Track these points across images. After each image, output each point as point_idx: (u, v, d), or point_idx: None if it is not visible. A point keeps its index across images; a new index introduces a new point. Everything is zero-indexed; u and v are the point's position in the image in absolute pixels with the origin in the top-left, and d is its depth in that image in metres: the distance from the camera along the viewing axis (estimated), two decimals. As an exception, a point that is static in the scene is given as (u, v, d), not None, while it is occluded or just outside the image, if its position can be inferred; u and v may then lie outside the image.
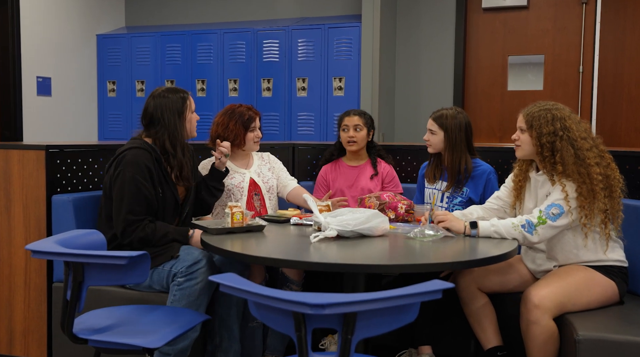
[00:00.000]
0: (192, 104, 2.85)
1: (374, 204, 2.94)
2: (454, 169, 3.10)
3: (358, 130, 3.53)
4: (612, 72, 5.06)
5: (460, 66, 5.52)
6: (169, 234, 2.71)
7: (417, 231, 2.52)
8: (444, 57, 5.58)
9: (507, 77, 5.42)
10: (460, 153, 3.09)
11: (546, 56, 5.27)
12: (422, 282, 1.62)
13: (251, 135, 3.29)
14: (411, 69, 5.72)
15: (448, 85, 5.58)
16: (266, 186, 3.35)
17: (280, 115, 5.67)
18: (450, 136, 3.09)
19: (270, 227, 2.74)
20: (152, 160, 2.69)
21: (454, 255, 2.36)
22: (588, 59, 5.10)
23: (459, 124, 3.10)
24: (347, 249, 2.36)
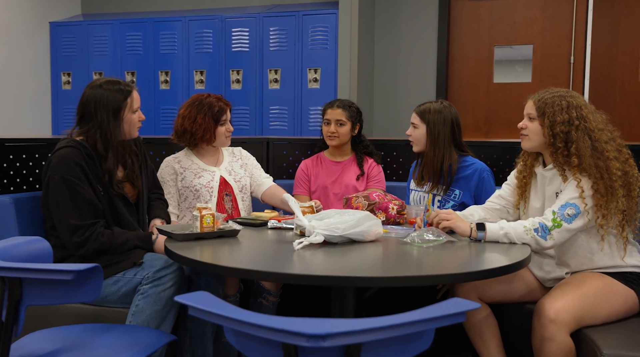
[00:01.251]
0: (134, 102, 2.53)
1: (362, 205, 2.66)
2: (435, 167, 2.85)
3: (340, 125, 3.25)
4: (605, 62, 4.91)
5: (443, 57, 5.32)
6: (129, 241, 2.41)
7: (415, 235, 2.24)
8: (426, 47, 5.38)
9: (493, 69, 5.25)
10: (443, 150, 2.84)
11: (535, 46, 5.10)
12: (440, 303, 1.34)
13: (222, 129, 2.98)
14: (391, 60, 5.49)
15: (430, 77, 5.37)
16: (238, 185, 3.05)
17: (250, 109, 5.40)
18: (432, 131, 2.84)
19: (245, 231, 2.44)
20: (83, 157, 2.39)
21: (460, 264, 2.08)
22: (579, 48, 4.94)
23: (443, 118, 2.85)
24: (336, 257, 2.08)
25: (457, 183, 2.88)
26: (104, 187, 2.44)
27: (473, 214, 2.61)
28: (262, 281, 2.77)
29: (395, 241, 2.31)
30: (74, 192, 2.35)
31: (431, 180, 2.92)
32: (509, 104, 5.12)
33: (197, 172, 3.00)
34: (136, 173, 2.60)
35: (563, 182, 2.36)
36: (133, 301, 2.32)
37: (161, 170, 3.02)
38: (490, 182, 2.88)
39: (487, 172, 2.89)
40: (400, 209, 2.70)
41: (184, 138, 2.98)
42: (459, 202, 2.86)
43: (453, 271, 1.97)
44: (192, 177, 2.98)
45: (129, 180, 2.59)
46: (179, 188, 2.99)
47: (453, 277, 1.99)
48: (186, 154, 3.07)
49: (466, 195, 2.86)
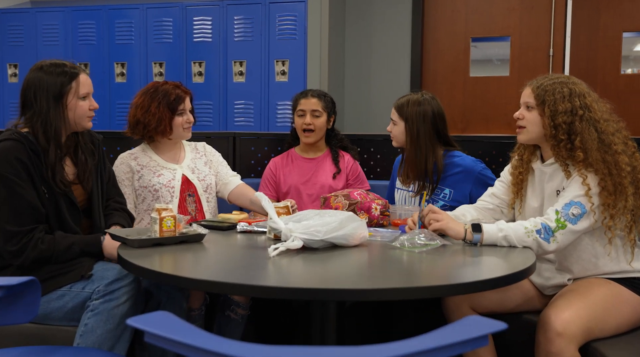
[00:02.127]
0: (82, 86, 2.23)
1: (342, 204, 2.42)
2: (418, 168, 2.62)
3: (316, 116, 3.00)
4: (585, 55, 4.79)
5: (417, 49, 5.14)
6: (74, 245, 2.12)
7: (405, 238, 2.01)
8: (400, 39, 5.19)
9: (469, 62, 5.07)
10: (425, 149, 2.61)
11: (513, 38, 4.96)
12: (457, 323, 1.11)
13: (179, 119, 2.70)
14: (363, 52, 5.28)
15: (404, 70, 5.19)
16: (202, 185, 2.77)
17: (214, 103, 5.12)
18: (410, 127, 2.62)
19: (210, 236, 2.17)
20: (27, 152, 2.09)
21: (457, 274, 1.84)
22: (559, 41, 4.82)
23: (422, 113, 2.62)
24: (317, 265, 1.83)
25: (446, 181, 2.66)
26: (48, 188, 2.14)
27: (464, 214, 2.39)
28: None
29: (383, 246, 2.07)
30: (13, 193, 2.05)
31: (417, 181, 2.69)
32: (486, 99, 4.97)
33: (156, 170, 2.72)
34: (88, 174, 2.30)
35: (566, 179, 2.16)
36: (82, 319, 2.04)
37: (115, 168, 2.73)
38: (489, 178, 2.67)
39: (483, 169, 2.68)
40: (383, 209, 2.47)
41: (137, 130, 2.69)
42: (450, 202, 2.64)
43: (450, 282, 1.73)
44: (150, 176, 2.70)
45: (80, 181, 2.29)
46: (136, 188, 2.70)
47: (451, 289, 1.74)
48: (143, 150, 2.78)
49: (458, 194, 2.64)
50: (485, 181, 2.67)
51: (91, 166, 2.33)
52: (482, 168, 2.68)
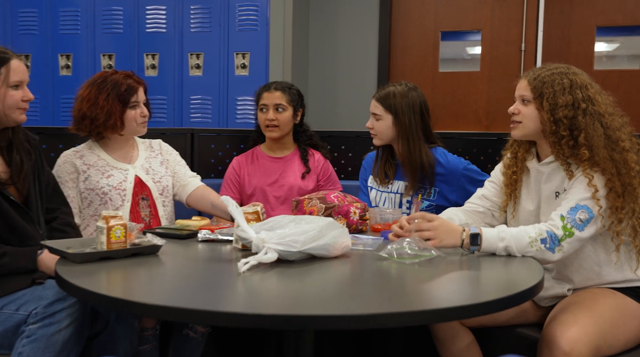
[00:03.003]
0: (13, 73, 1.93)
1: (317, 208, 2.16)
2: (413, 164, 2.41)
3: (280, 110, 2.75)
4: (558, 50, 4.64)
5: (385, 44, 4.92)
6: (5, 256, 1.82)
7: (394, 248, 1.77)
8: (366, 33, 4.95)
9: (439, 57, 4.87)
10: (418, 141, 2.40)
11: (483, 32, 4.78)
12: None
13: (132, 113, 2.41)
14: (328, 46, 5.05)
15: (371, 65, 4.96)
16: (158, 187, 2.48)
17: (168, 99, 4.78)
18: (401, 120, 2.41)
19: (168, 246, 1.88)
20: None
21: (455, 293, 1.58)
22: (531, 35, 4.67)
23: (411, 103, 2.42)
24: (294, 282, 1.58)
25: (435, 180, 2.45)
26: None
27: (452, 218, 2.17)
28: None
29: (368, 256, 1.83)
30: None
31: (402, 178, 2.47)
32: (456, 95, 4.79)
33: (105, 171, 2.42)
34: (23, 176, 1.99)
35: (567, 179, 1.95)
36: (15, 346, 1.73)
37: (57, 168, 2.42)
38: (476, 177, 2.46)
39: (469, 165, 2.48)
40: (362, 213, 2.23)
41: (84, 126, 2.39)
42: (436, 201, 2.43)
43: (446, 304, 1.43)
44: (98, 177, 2.39)
45: (14, 182, 1.98)
46: (81, 190, 2.39)
47: (447, 314, 1.44)
48: (90, 148, 2.48)
49: (444, 193, 2.43)
50: (471, 177, 2.47)
51: (27, 168, 2.02)
52: (467, 164, 2.48)
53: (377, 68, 4.91)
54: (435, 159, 2.45)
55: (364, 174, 2.66)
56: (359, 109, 4.91)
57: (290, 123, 2.79)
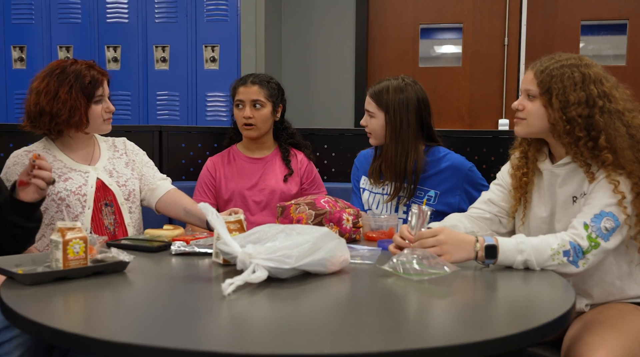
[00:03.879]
0: None
1: (305, 216, 1.93)
2: (396, 166, 2.21)
3: (258, 106, 2.51)
4: (542, 44, 4.51)
5: (362, 37, 4.72)
6: None
7: (400, 261, 1.55)
8: (343, 25, 4.74)
9: (419, 52, 4.69)
10: (408, 144, 2.21)
11: (465, 25, 4.62)
12: None
13: (98, 108, 2.15)
14: (303, 39, 4.82)
15: (348, 59, 4.75)
16: (123, 191, 2.22)
17: (132, 94, 4.51)
18: (393, 119, 2.21)
19: (137, 262, 1.62)
20: None
21: (478, 325, 1.33)
22: (514, 28, 4.52)
23: (405, 100, 2.22)
24: (287, 308, 1.34)
25: (430, 181, 2.25)
26: None
27: (457, 225, 1.96)
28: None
29: (369, 272, 1.61)
30: None
31: (392, 182, 2.26)
32: (437, 92, 4.59)
33: (63, 173, 2.15)
34: None
35: (588, 182, 1.76)
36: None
37: (7, 170, 2.15)
38: (479, 181, 2.27)
39: (472, 167, 2.28)
40: (356, 220, 2.01)
41: (41, 123, 2.11)
42: (436, 205, 2.22)
43: (466, 338, 1.17)
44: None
45: None
46: (35, 196, 2.11)
47: (468, 352, 1.21)
48: (45, 147, 2.21)
49: (446, 195, 2.22)
50: (475, 181, 2.27)
51: None
52: (472, 166, 2.29)
53: (355, 62, 4.73)
54: (435, 160, 2.25)
55: (356, 174, 2.44)
56: (336, 105, 4.71)
57: (269, 120, 2.55)
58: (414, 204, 1.75)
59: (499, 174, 2.05)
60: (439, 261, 1.54)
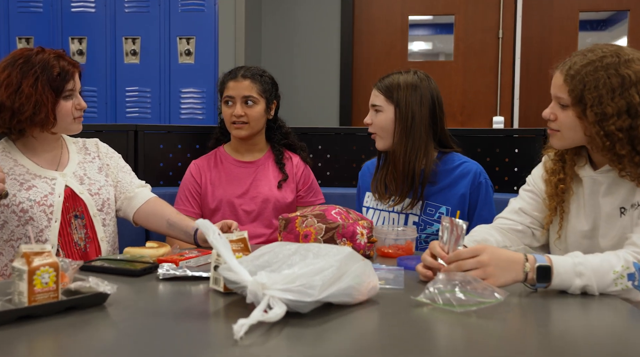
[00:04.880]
0: None
1: (314, 230, 1.68)
2: (403, 171, 1.97)
3: (250, 103, 2.26)
4: (538, 38, 4.33)
5: (348, 29, 4.49)
6: None
7: (436, 291, 1.30)
8: (327, 16, 4.50)
9: (407, 45, 4.48)
10: (418, 145, 1.97)
11: (457, 17, 4.41)
12: None
13: (67, 106, 1.88)
14: (285, 32, 4.57)
15: (333, 53, 4.50)
16: (96, 200, 1.94)
17: (99, 90, 4.21)
18: (404, 113, 1.97)
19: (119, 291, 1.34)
20: None
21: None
22: (508, 21, 4.32)
23: (419, 97, 1.99)
24: (313, 353, 1.08)
25: (442, 195, 2.01)
26: None
27: (487, 239, 1.73)
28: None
29: (401, 301, 1.36)
30: None
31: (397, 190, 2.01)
32: (427, 87, 4.37)
33: (25, 181, 1.86)
34: None
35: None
36: None
37: (-43, 178, 1.84)
38: (489, 192, 2.04)
39: (485, 177, 2.04)
40: (370, 234, 1.76)
41: (0, 120, 1.83)
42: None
43: None
44: (15, 189, 1.84)
45: None
46: (-9, 207, 1.83)
47: None
48: (5, 149, 1.92)
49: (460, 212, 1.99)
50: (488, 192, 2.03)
51: None
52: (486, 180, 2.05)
53: (340, 57, 4.48)
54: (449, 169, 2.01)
55: (359, 192, 2.20)
56: (320, 102, 4.47)
57: (262, 119, 2.29)
58: (445, 217, 1.51)
59: (530, 179, 1.83)
60: (486, 286, 1.30)
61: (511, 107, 4.31)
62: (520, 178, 1.94)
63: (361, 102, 4.48)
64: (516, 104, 4.29)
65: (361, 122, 4.65)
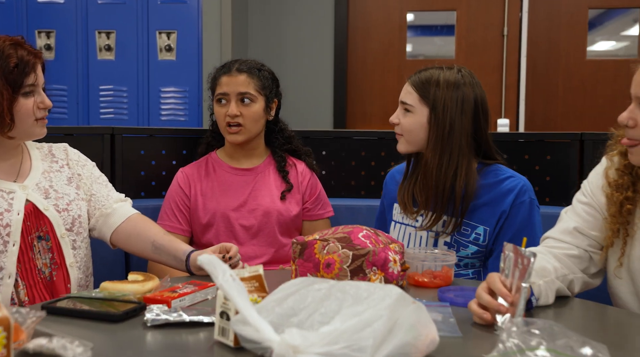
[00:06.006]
0: None
1: (339, 258, 1.36)
2: (438, 185, 1.69)
3: (247, 101, 1.95)
4: (546, 35, 4.12)
5: (342, 26, 4.26)
6: None
7: (514, 345, 0.99)
8: (320, 11, 4.27)
9: (406, 42, 4.25)
10: (457, 156, 1.68)
11: (459, 13, 4.20)
12: None
13: (28, 104, 1.56)
14: (275, 27, 4.31)
15: (326, 51, 4.26)
16: (65, 219, 1.63)
17: (69, 89, 3.93)
18: (441, 118, 1.68)
19: (95, 347, 1.01)
20: None
21: None
22: (514, 17, 4.11)
23: (461, 98, 1.69)
24: None
25: (480, 213, 1.71)
26: None
27: (545, 267, 1.42)
28: None
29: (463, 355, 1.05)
30: None
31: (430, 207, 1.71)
32: (426, 88, 4.14)
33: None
34: None
35: None
36: None
37: None
38: (536, 212, 1.74)
39: (531, 196, 1.74)
40: (402, 259, 1.45)
41: (-57, 122, 1.50)
42: (484, 245, 1.70)
43: None
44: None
45: None
46: None
47: None
48: (-49, 158, 1.58)
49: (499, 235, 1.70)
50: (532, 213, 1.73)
51: None
52: (532, 197, 1.75)
53: (334, 55, 4.25)
54: (491, 184, 1.71)
55: (388, 198, 1.89)
56: (312, 103, 4.20)
57: (261, 120, 1.98)
58: (508, 244, 1.21)
59: (587, 188, 1.54)
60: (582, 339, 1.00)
61: (516, 109, 4.09)
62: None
63: (356, 104, 4.25)
64: (522, 106, 4.09)
65: (356, 126, 4.46)
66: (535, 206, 1.71)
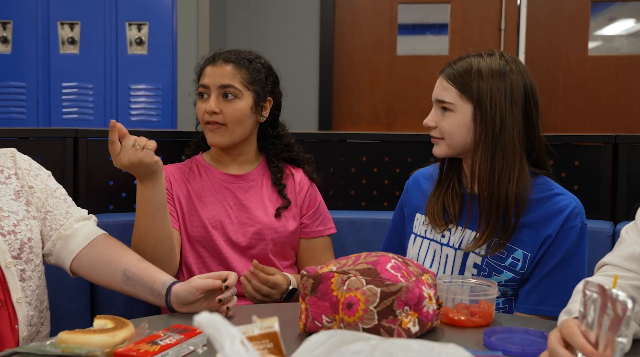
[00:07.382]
0: None
1: (364, 296, 1.09)
2: (493, 196, 1.43)
3: (230, 97, 1.69)
4: (545, 30, 3.99)
5: (328, 20, 4.11)
6: None
7: None
8: (305, 4, 4.13)
9: (396, 37, 4.10)
10: (512, 157, 1.44)
11: (453, 6, 4.04)
12: None
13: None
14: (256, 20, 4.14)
15: (311, 46, 4.10)
16: (12, 243, 1.35)
17: (28, 86, 3.74)
18: (490, 113, 1.44)
19: None
20: None
21: None
22: (511, 11, 3.98)
23: (510, 89, 1.45)
24: None
25: (520, 234, 1.45)
26: None
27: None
28: None
29: None
30: None
31: (473, 219, 1.45)
32: (419, 86, 4.03)
33: None
34: None
35: None
36: None
37: None
38: (585, 240, 1.48)
39: (583, 220, 1.48)
40: (436, 294, 1.18)
41: None
42: (521, 273, 1.45)
43: None
44: None
45: None
46: None
47: None
48: None
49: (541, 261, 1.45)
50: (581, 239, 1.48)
51: None
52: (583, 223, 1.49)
53: (319, 51, 4.09)
54: (540, 199, 1.46)
55: (410, 206, 1.63)
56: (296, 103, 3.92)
57: (247, 120, 1.69)
58: (592, 282, 0.95)
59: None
60: None
61: (515, 109, 3.91)
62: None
63: (343, 103, 4.07)
64: (520, 106, 3.90)
65: (343, 127, 4.26)
66: (586, 233, 1.46)
